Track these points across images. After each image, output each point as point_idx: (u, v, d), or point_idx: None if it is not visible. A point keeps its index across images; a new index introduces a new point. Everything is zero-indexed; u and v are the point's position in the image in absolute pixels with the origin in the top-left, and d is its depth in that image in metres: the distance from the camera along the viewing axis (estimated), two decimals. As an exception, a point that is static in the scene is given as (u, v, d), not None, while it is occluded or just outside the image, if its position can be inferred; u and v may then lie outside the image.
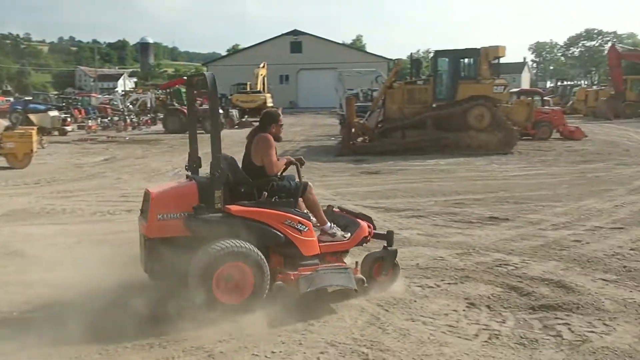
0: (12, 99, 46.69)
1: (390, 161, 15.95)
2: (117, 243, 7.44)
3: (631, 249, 6.94)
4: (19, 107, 30.73)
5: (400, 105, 18.70)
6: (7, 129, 15.91)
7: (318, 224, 5.53)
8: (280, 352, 4.34)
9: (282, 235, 5.10)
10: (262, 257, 4.97)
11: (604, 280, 5.86)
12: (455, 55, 18.92)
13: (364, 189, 11.64)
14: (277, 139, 5.61)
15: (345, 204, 9.90)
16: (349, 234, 5.54)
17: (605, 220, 8.49)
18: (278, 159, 5.48)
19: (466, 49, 18.93)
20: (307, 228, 5.23)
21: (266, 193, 5.22)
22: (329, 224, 5.55)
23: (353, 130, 18.51)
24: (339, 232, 5.54)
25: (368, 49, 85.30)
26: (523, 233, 7.81)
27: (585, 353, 4.27)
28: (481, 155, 16.73)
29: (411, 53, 26.50)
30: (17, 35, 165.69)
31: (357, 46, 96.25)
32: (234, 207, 5.04)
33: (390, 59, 57.41)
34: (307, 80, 62.62)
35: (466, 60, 19.04)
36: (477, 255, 6.82)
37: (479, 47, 18.44)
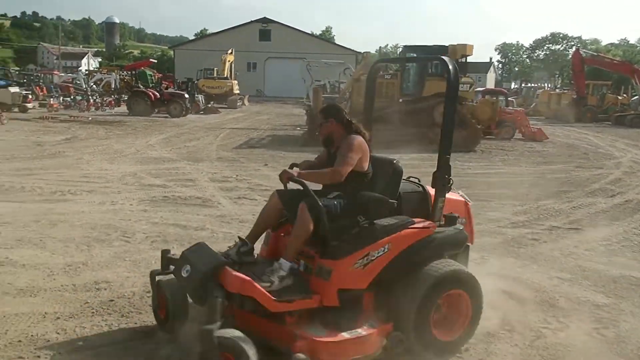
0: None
1: (355, 153, 15.98)
2: (77, 223, 7.32)
3: (586, 250, 7.14)
4: (-22, 83, 29.72)
5: (367, 98, 18.73)
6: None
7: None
8: None
9: None
10: None
11: (559, 278, 6.02)
12: (423, 51, 19.04)
13: (329, 180, 11.64)
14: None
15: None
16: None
17: (563, 220, 8.71)
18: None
19: (434, 45, 19.08)
20: None
21: None
22: (287, 263, 3.95)
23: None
24: (274, 278, 3.87)
25: (337, 41, 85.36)
26: (483, 230, 7.93)
27: (539, 348, 4.40)
28: (445, 152, 16.92)
29: (380, 47, 26.69)
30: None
31: (326, 37, 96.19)
32: None
33: (359, 52, 57.53)
34: (274, 69, 62.29)
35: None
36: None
37: (447, 44, 18.62)
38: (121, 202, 8.80)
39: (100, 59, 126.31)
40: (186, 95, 30.01)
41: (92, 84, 38.94)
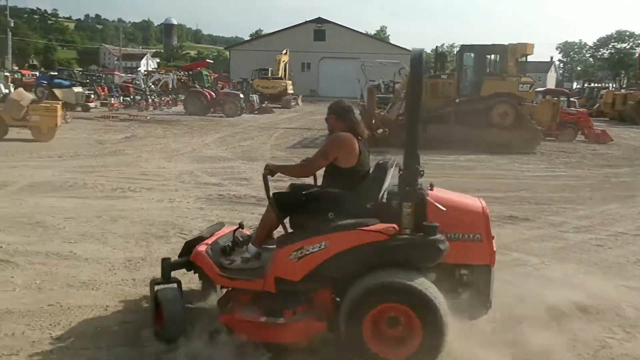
0: (38, 74, 47.15)
1: (409, 154, 15.82)
2: (136, 219, 7.51)
3: (655, 257, 6.80)
4: (44, 82, 31.05)
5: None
6: (33, 102, 16.04)
7: None
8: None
9: None
10: None
11: (625, 287, 5.75)
12: (481, 50, 18.69)
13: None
14: None
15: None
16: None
17: (629, 226, 8.33)
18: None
19: (493, 44, 18.70)
20: None
21: None
22: (253, 248, 4.41)
23: (373, 121, 18.42)
24: (237, 258, 4.36)
25: (392, 41, 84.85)
26: (543, 234, 7.70)
27: (604, 359, 4.21)
28: (502, 154, 16.53)
29: (436, 46, 26.23)
30: (45, 11, 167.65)
31: (380, 37, 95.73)
32: None
33: (414, 52, 56.94)
34: (328, 69, 62.42)
35: (492, 56, 18.84)
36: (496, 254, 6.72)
37: (506, 43, 18.22)
38: (178, 199, 8.98)
39: (158, 60, 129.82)
40: (241, 95, 30.47)
41: (150, 84, 39.96)
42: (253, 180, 10.98)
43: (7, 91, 28.05)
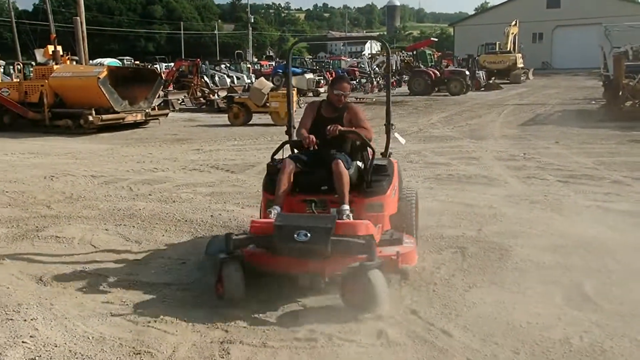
0: (274, 64, 51.49)
1: (666, 129, 13.79)
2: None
3: None
4: (280, 71, 33.70)
5: (687, 63, 15.98)
6: (272, 90, 17.51)
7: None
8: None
9: None
10: None
11: None
12: None
13: (634, 159, 10.19)
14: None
15: (611, 174, 8.83)
16: None
17: None
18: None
19: None
20: None
21: None
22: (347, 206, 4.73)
23: (621, 92, 16.39)
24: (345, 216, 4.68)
25: (641, 0, 74.82)
26: None
27: None
28: None
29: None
30: (279, 5, 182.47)
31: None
32: None
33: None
34: (563, 39, 57.59)
35: None
36: None
37: None
38: (407, 179, 8.94)
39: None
40: (467, 73, 29.60)
41: (375, 67, 40.95)
42: (482, 159, 10.52)
43: (249, 81, 31.23)
